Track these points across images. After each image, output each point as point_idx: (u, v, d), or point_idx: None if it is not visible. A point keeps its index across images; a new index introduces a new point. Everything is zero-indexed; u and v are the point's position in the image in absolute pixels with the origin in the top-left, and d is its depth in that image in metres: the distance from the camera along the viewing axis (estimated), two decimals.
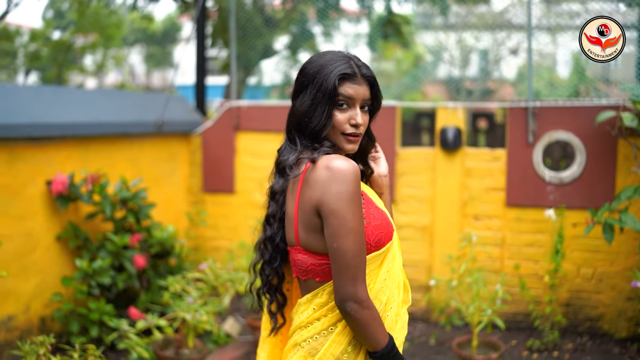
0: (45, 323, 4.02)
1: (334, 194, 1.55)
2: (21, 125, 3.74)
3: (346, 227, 1.55)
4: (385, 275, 1.71)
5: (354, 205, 1.56)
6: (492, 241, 4.73)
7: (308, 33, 7.88)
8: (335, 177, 1.56)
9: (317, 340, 1.67)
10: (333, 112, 1.67)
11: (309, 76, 1.68)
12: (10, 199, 3.76)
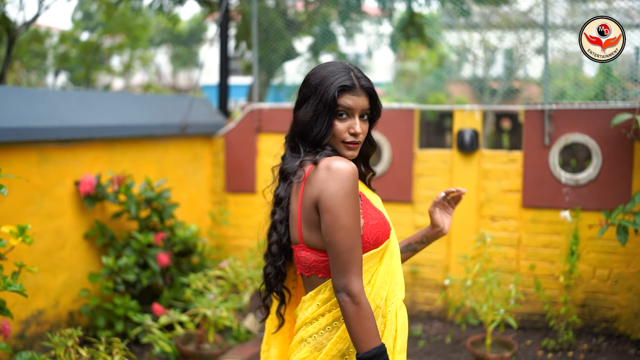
0: (74, 317, 4.19)
1: (331, 191, 1.66)
2: (51, 128, 3.91)
3: (338, 223, 1.65)
4: (385, 272, 1.80)
5: (348, 202, 1.65)
6: (508, 242, 4.79)
7: (330, 35, 7.97)
8: (333, 176, 1.67)
9: (323, 335, 1.77)
10: (333, 121, 1.77)
11: (311, 87, 1.79)
12: (40, 199, 3.94)
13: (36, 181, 3.91)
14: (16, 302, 3.75)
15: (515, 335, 4.71)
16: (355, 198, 1.68)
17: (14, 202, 3.73)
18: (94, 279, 4.06)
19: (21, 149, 3.78)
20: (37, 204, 3.91)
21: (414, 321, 5.03)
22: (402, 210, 5.06)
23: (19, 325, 3.80)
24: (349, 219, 1.66)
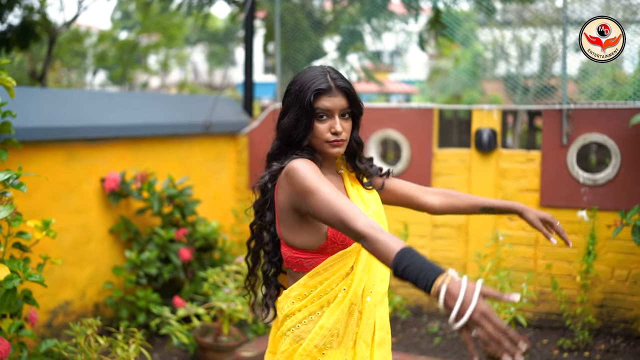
0: (99, 309, 4.37)
1: (298, 183, 1.75)
2: (78, 127, 4.09)
3: (318, 196, 1.69)
4: (362, 270, 1.85)
5: (315, 180, 1.72)
6: (525, 241, 4.80)
7: (357, 34, 8.04)
8: (294, 174, 1.77)
9: (300, 329, 1.86)
10: (314, 124, 1.86)
11: (292, 96, 1.88)
12: (68, 195, 4.12)
13: (63, 178, 4.09)
14: (44, 293, 3.94)
15: (532, 334, 4.73)
16: (318, 175, 1.74)
17: (42, 198, 3.92)
18: (118, 272, 4.24)
19: (49, 148, 3.97)
20: (64, 200, 4.09)
21: (432, 318, 5.09)
22: None
23: (46, 315, 3.99)
24: (324, 188, 1.70)
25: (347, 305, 1.84)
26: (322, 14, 7.88)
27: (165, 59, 22.60)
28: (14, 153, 3.63)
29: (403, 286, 5.22)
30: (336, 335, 1.85)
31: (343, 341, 1.86)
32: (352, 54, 8.37)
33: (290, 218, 1.85)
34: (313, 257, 1.85)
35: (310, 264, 1.86)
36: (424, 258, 1.43)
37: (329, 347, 1.85)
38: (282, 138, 1.92)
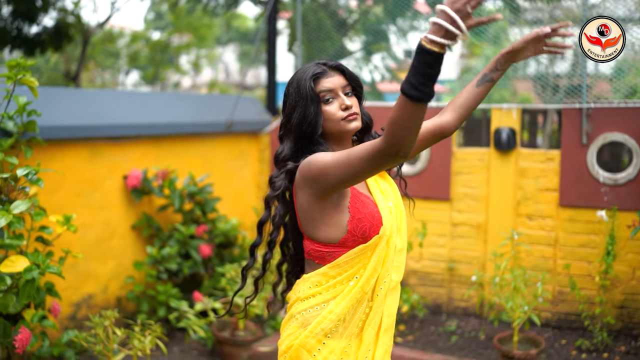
0: (121, 302, 4.49)
1: (317, 170, 1.78)
2: (101, 126, 4.21)
3: (339, 162, 1.73)
4: (376, 261, 1.89)
5: (329, 155, 1.77)
6: (545, 241, 4.78)
7: (382, 33, 8.05)
8: (310, 166, 1.81)
9: (310, 314, 1.90)
10: (321, 109, 1.90)
11: (292, 95, 1.93)
12: (91, 192, 4.25)
13: (87, 175, 4.22)
14: (68, 286, 4.07)
15: (550, 334, 4.71)
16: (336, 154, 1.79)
17: (66, 195, 4.05)
18: (139, 267, 4.35)
19: (74, 145, 4.10)
20: (87, 196, 4.22)
21: (450, 317, 5.10)
22: (440, 208, 5.12)
23: (70, 308, 4.12)
24: (332, 159, 1.76)
25: (358, 293, 1.88)
26: (347, 13, 7.92)
27: (196, 59, 22.88)
28: (39, 150, 3.76)
29: (422, 284, 5.24)
30: (342, 320, 1.88)
31: (348, 328, 1.89)
32: (377, 54, 8.38)
33: (313, 212, 1.87)
34: (335, 251, 1.89)
35: (331, 257, 1.90)
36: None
37: (333, 333, 1.87)
38: (295, 137, 1.93)
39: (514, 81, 13.44)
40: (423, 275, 5.25)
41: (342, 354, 1.89)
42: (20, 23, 10.79)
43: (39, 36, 11.00)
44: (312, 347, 1.89)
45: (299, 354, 1.89)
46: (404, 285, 5.25)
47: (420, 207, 5.18)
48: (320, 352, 1.88)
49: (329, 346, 1.88)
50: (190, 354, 4.29)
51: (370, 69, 7.64)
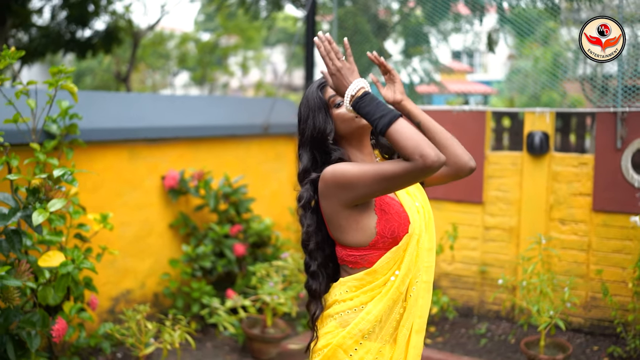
0: (158, 298, 4.68)
1: (343, 180, 1.87)
2: (140, 128, 4.40)
3: (367, 176, 1.84)
4: (409, 261, 1.95)
5: (356, 168, 1.86)
6: (578, 246, 4.74)
7: (422, 36, 8.06)
8: (334, 175, 1.89)
9: (349, 315, 1.97)
10: (332, 114, 1.99)
11: (303, 112, 2.03)
12: (130, 191, 4.44)
13: (127, 176, 4.41)
14: (107, 281, 4.28)
15: (582, 340, 4.67)
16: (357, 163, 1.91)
17: (106, 194, 4.25)
18: (174, 264, 4.52)
19: (114, 147, 4.29)
20: (127, 195, 4.41)
21: (481, 320, 5.10)
22: (473, 211, 5.13)
23: (109, 302, 4.32)
24: (364, 168, 1.86)
25: (394, 294, 1.95)
26: (387, 16, 7.96)
27: (243, 60, 23.23)
28: (80, 152, 3.97)
29: (454, 287, 5.26)
30: (379, 321, 1.95)
31: (384, 328, 1.96)
32: (416, 57, 8.39)
33: (339, 220, 1.95)
34: (367, 254, 1.95)
35: (364, 260, 1.96)
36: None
37: (370, 334, 1.94)
38: (311, 148, 2.02)
39: (565, 83, 13.22)
40: (455, 278, 5.27)
41: (377, 354, 1.97)
42: (73, 27, 11.24)
43: (91, 40, 11.43)
44: (349, 347, 1.96)
45: (336, 354, 1.97)
46: (435, 287, 5.28)
47: (452, 210, 5.20)
48: (357, 352, 1.96)
49: (365, 347, 1.96)
50: (222, 350, 4.43)
51: (409, 71, 7.67)
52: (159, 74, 25.30)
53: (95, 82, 21.10)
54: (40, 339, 2.89)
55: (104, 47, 11.58)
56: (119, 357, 4.17)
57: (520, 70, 21.46)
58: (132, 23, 14.87)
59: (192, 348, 3.94)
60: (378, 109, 1.81)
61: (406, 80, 7.95)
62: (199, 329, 4.63)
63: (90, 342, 3.56)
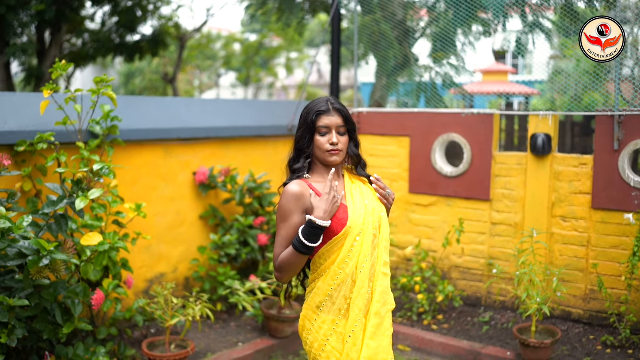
0: (189, 282, 5.20)
1: (277, 205, 2.49)
2: (174, 129, 4.92)
3: (277, 228, 2.47)
4: (348, 249, 2.43)
5: (282, 216, 2.44)
6: (578, 241, 5.04)
7: (448, 41, 8.38)
8: (280, 197, 2.49)
9: (309, 296, 2.52)
10: (315, 138, 2.47)
11: (302, 118, 2.52)
12: (165, 185, 4.97)
13: (162, 171, 4.94)
14: (143, 265, 4.82)
15: (581, 330, 4.97)
16: (284, 212, 2.43)
17: (143, 187, 4.79)
18: (202, 251, 5.04)
19: (150, 145, 4.83)
20: (161, 189, 4.94)
21: (487, 310, 5.45)
22: (481, 208, 5.48)
23: (145, 283, 4.86)
24: (278, 225, 2.46)
25: (341, 275, 2.43)
26: (414, 22, 8.31)
27: (286, 61, 23.81)
28: (120, 150, 4.51)
29: (464, 278, 5.62)
30: (330, 297, 2.43)
31: (336, 304, 2.44)
32: (441, 61, 8.69)
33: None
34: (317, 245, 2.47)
35: (316, 250, 2.46)
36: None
37: (323, 306, 2.44)
38: (296, 149, 2.56)
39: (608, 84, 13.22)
40: (464, 270, 5.63)
41: (332, 324, 2.46)
42: (122, 32, 11.96)
43: (138, 43, 12.14)
44: (310, 317, 2.50)
45: (304, 323, 2.52)
46: (445, 278, 5.66)
47: (462, 207, 5.57)
48: (316, 321, 2.48)
49: (321, 318, 2.47)
50: (244, 329, 4.92)
51: (432, 75, 8.01)
52: (206, 75, 26.09)
53: (144, 83, 22.01)
54: (82, 307, 3.42)
55: (151, 51, 12.27)
56: (152, 332, 4.70)
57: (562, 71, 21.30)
58: (179, 26, 15.57)
59: (212, 321, 4.44)
60: (310, 237, 2.35)
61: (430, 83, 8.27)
62: (224, 310, 5.14)
63: (126, 315, 4.08)
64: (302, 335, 2.53)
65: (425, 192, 5.79)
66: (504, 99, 20.57)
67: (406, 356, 4.77)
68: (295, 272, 2.42)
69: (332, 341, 2.42)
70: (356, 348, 2.41)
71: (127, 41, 12.04)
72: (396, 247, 5.97)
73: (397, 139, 5.96)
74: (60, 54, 11.26)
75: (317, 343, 2.44)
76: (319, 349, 2.44)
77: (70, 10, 10.63)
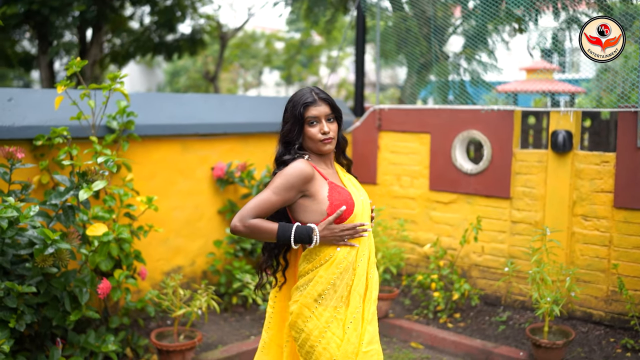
0: (207, 275, 5.29)
1: (277, 174, 2.48)
2: (191, 124, 5.02)
3: (263, 191, 2.45)
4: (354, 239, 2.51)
5: (273, 186, 2.44)
6: (599, 241, 4.91)
7: (481, 37, 8.27)
8: (284, 169, 2.46)
9: (308, 284, 2.52)
10: (305, 129, 2.51)
11: (288, 111, 2.56)
12: (183, 180, 5.07)
13: (180, 166, 5.05)
14: (160, 257, 4.93)
15: (601, 332, 4.84)
16: (282, 188, 2.43)
17: (161, 182, 4.90)
18: (218, 245, 5.12)
19: (168, 141, 4.93)
20: (179, 184, 5.04)
21: (507, 309, 5.36)
22: (501, 205, 5.40)
23: (161, 276, 4.97)
24: (265, 194, 2.44)
25: (343, 263, 2.49)
26: (444, 20, 8.24)
27: (328, 59, 23.83)
28: (137, 145, 4.63)
29: (483, 277, 5.55)
30: (333, 285, 2.48)
31: (338, 291, 2.48)
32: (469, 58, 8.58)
33: (296, 202, 2.51)
34: None
35: None
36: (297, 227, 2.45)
37: (325, 295, 2.47)
38: (283, 143, 2.59)
39: None
40: (484, 269, 5.55)
41: (334, 311, 2.50)
42: (161, 31, 12.22)
43: (177, 42, 12.37)
44: (309, 305, 2.51)
45: (301, 311, 2.52)
46: (463, 276, 5.59)
47: (482, 205, 5.50)
48: (317, 309, 2.50)
49: (322, 305, 2.50)
50: (258, 322, 4.98)
51: (460, 72, 7.92)
52: (250, 73, 26.34)
53: (188, 81, 22.38)
54: (89, 295, 3.54)
55: (189, 49, 12.49)
56: (168, 323, 4.81)
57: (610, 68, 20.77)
58: (220, 25, 15.79)
59: (217, 313, 4.51)
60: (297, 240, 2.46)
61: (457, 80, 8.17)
62: (240, 304, 5.21)
63: (138, 305, 4.19)
64: (297, 323, 2.53)
65: (445, 190, 5.74)
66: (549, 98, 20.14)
67: (418, 354, 4.74)
68: (256, 240, 2.50)
69: (332, 327, 2.47)
70: (356, 333, 2.49)
71: (166, 40, 12.29)
72: (416, 244, 5.94)
73: (418, 136, 5.92)
74: (101, 53, 11.58)
75: (318, 330, 2.47)
76: (319, 335, 2.47)
77: (111, 10, 10.92)
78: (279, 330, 2.74)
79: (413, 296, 5.67)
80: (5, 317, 3.19)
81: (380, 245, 5.37)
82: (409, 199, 6.02)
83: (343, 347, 2.45)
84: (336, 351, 2.45)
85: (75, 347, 3.73)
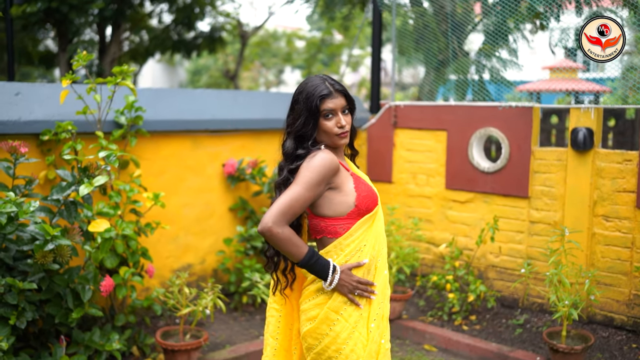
0: (217, 273, 5.22)
1: (305, 167, 2.33)
2: (202, 120, 4.94)
3: (296, 182, 2.30)
4: (377, 231, 2.43)
5: (303, 181, 2.29)
6: (621, 243, 4.74)
7: (502, 34, 8.10)
8: (313, 160, 2.33)
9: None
10: (320, 122, 2.38)
11: (300, 103, 2.40)
12: (193, 177, 5.00)
13: (190, 163, 4.97)
14: (170, 255, 4.86)
15: (623, 337, 4.67)
16: (314, 182, 2.29)
17: (170, 178, 4.83)
18: (228, 243, 5.04)
19: (178, 137, 4.87)
20: (190, 180, 4.97)
21: (523, 312, 5.21)
22: (519, 205, 5.25)
23: (171, 274, 4.90)
24: (297, 189, 2.28)
25: (362, 259, 2.39)
26: (463, 16, 8.09)
27: (348, 58, 23.73)
28: (146, 140, 4.56)
29: (500, 279, 5.40)
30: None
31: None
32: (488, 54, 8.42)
33: (322, 195, 2.36)
34: (345, 223, 2.38)
35: (343, 229, 2.38)
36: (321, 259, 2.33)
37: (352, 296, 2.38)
38: (295, 137, 2.43)
39: None
40: (501, 270, 5.40)
41: (359, 310, 2.40)
42: (180, 29, 12.20)
43: (195, 40, 12.34)
44: (337, 307, 2.38)
45: (328, 315, 2.39)
46: (480, 278, 5.45)
47: (499, 204, 5.35)
48: (346, 310, 2.38)
49: (351, 306, 2.39)
50: None
51: (479, 68, 7.75)
52: (271, 72, 26.32)
53: (209, 80, 22.43)
54: (91, 292, 3.48)
55: (208, 47, 12.46)
56: (177, 322, 4.74)
57: (637, 67, 20.35)
58: (241, 23, 15.75)
59: (223, 312, 4.43)
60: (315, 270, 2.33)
61: (476, 77, 8.02)
62: (250, 303, 5.13)
63: (144, 303, 4.12)
64: (320, 328, 2.38)
65: (462, 188, 5.60)
66: (573, 97, 19.83)
67: (431, 356, 4.61)
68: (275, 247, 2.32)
69: (359, 327, 2.39)
70: (379, 331, 2.44)
71: (185, 38, 12.28)
72: (432, 244, 5.81)
73: (434, 133, 5.79)
74: (120, 51, 11.60)
75: (347, 332, 2.37)
76: (347, 337, 2.37)
77: (129, 7, 10.93)
78: (286, 336, 2.62)
79: (427, 297, 5.53)
80: (5, 313, 3.14)
81: (394, 245, 5.25)
82: (424, 197, 5.89)
83: (368, 347, 2.39)
84: (362, 352, 2.38)
85: (79, 345, 3.67)
